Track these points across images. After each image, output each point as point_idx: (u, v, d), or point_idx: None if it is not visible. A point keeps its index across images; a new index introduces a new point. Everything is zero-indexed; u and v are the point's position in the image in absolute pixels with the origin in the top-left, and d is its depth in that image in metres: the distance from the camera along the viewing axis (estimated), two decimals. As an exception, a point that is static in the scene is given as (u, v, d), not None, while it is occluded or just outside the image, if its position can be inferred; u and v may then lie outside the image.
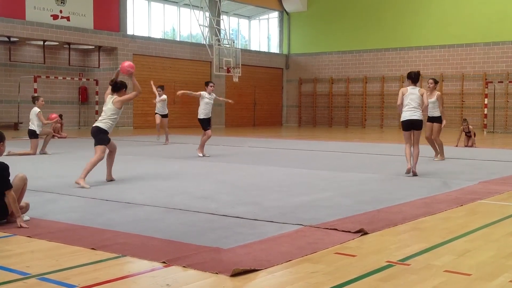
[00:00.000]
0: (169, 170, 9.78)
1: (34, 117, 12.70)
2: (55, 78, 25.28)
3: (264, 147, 15.85)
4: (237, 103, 32.40)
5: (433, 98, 11.86)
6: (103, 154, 8.09)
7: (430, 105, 11.59)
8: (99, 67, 26.52)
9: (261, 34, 35.99)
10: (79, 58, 26.99)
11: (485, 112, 27.35)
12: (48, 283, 3.63)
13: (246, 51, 32.60)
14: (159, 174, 9.26)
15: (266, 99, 34.49)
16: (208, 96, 12.52)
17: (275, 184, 8.26)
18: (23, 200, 5.55)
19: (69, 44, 25.20)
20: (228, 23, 32.33)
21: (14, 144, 14.68)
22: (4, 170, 5.22)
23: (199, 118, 12.60)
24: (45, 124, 12.96)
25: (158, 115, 16.92)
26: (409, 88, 9.51)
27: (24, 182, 5.57)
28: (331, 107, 33.64)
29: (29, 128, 12.79)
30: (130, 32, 27.39)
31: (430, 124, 12.06)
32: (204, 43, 28.54)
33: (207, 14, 28.81)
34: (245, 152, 14.15)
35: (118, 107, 8.14)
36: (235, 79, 28.53)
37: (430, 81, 12.13)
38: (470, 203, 6.74)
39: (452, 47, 29.45)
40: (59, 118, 16.92)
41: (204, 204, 6.41)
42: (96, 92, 26.66)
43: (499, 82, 27.64)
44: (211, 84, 12.72)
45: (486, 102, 27.29)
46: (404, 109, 9.48)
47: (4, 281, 3.65)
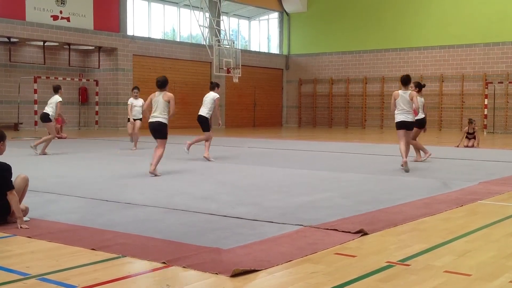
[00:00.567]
0: (169, 170, 9.78)
1: (54, 104, 12.87)
2: (55, 78, 25.23)
3: (264, 148, 15.85)
4: (237, 104, 32.54)
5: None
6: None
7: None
8: (99, 68, 26.52)
9: (261, 35, 35.99)
10: (79, 59, 26.98)
11: (485, 112, 27.32)
12: (48, 283, 3.63)
13: (246, 52, 32.59)
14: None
15: (266, 100, 34.47)
16: (218, 97, 12.24)
17: (275, 184, 8.26)
18: (23, 203, 5.54)
19: (69, 44, 25.19)
20: (228, 23, 32.33)
21: (14, 144, 14.69)
22: (6, 170, 5.21)
23: (206, 116, 12.00)
24: (58, 115, 13.20)
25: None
26: (400, 92, 10.12)
27: (26, 182, 5.57)
28: (331, 107, 33.63)
29: (43, 111, 12.94)
30: (130, 32, 27.37)
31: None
32: (204, 43, 28.54)
33: (207, 14, 28.80)
34: (245, 153, 14.15)
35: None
36: (235, 80, 28.54)
37: (412, 85, 12.00)
38: (470, 204, 6.74)
39: (452, 48, 29.44)
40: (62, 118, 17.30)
41: (204, 205, 6.41)
42: (96, 93, 26.67)
43: (499, 83, 27.63)
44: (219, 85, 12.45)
45: (486, 103, 27.25)
46: (396, 111, 10.17)
47: (4, 281, 3.65)
